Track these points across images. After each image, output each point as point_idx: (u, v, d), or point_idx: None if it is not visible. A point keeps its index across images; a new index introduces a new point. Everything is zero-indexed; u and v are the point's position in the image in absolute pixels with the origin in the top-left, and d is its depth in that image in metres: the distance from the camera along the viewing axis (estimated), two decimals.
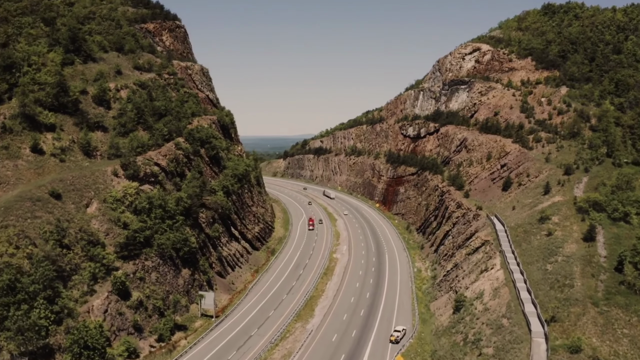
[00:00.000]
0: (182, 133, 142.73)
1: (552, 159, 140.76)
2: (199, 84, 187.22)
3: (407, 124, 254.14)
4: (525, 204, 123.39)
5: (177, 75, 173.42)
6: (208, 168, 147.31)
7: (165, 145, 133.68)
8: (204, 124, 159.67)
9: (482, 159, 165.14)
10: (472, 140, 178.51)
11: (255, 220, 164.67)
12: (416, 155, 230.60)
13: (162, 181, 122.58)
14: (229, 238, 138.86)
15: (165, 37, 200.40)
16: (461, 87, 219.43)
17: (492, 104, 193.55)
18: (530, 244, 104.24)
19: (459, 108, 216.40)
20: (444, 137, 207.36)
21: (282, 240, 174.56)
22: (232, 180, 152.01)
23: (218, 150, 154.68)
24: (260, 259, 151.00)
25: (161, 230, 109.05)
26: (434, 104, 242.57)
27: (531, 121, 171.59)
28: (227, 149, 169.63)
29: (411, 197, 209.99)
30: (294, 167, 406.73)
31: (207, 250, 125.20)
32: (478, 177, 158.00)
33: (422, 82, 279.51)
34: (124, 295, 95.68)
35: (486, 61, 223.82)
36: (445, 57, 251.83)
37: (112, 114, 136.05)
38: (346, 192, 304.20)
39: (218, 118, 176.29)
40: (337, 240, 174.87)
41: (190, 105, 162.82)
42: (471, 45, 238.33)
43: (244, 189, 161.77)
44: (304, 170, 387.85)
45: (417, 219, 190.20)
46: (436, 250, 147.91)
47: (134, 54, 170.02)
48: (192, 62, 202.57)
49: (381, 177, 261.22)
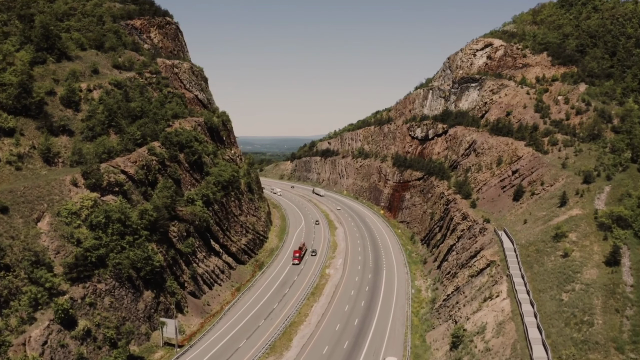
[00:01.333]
0: (159, 137, 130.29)
1: (569, 164, 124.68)
2: (187, 83, 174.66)
3: (415, 124, 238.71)
4: (538, 217, 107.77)
5: (160, 74, 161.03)
6: (187, 175, 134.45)
7: (137, 150, 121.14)
8: (187, 127, 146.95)
9: (491, 164, 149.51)
10: (481, 143, 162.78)
11: (242, 231, 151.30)
12: (423, 158, 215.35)
13: (129, 191, 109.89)
14: (207, 253, 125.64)
15: (154, 34, 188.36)
16: (471, 85, 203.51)
17: (504, 103, 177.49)
18: (543, 267, 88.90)
19: (469, 108, 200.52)
20: (452, 139, 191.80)
21: (274, 252, 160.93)
22: (215, 188, 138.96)
23: (200, 155, 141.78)
24: (245, 275, 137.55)
25: (119, 248, 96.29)
26: (443, 104, 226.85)
27: (546, 122, 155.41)
28: (213, 153, 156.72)
29: (417, 205, 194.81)
30: (301, 169, 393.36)
31: (178, 268, 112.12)
32: (487, 185, 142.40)
33: (433, 80, 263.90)
34: (68, 324, 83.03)
35: (498, 57, 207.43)
36: (456, 53, 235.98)
37: (82, 117, 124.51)
38: (352, 196, 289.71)
39: (205, 120, 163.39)
40: (333, 252, 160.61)
41: (173, 106, 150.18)
42: (483, 40, 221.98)
43: (229, 197, 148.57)
44: (311, 173, 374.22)
45: (422, 228, 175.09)
46: (439, 266, 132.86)
47: (115, 52, 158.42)
48: (182, 60, 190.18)
49: (387, 182, 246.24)
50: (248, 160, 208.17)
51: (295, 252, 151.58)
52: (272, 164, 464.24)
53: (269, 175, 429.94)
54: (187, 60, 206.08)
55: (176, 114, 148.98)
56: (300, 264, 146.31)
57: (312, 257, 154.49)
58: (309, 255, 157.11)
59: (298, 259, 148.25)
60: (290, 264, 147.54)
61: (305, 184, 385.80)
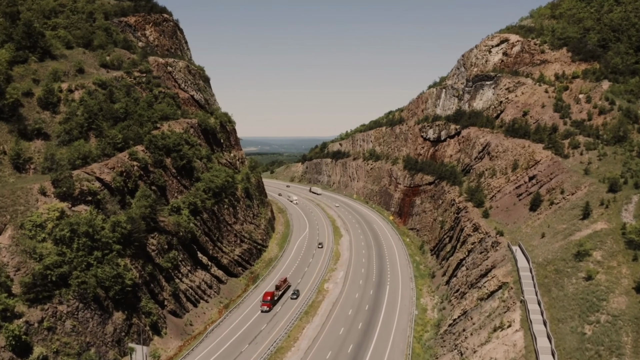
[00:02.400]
0: (143, 140, 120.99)
1: (592, 170, 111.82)
2: (181, 82, 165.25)
3: (427, 125, 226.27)
4: (557, 231, 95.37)
5: (151, 73, 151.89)
6: (174, 181, 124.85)
7: (117, 155, 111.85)
8: (177, 129, 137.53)
9: (506, 169, 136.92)
10: (496, 146, 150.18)
11: (236, 241, 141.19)
12: (435, 161, 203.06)
13: (103, 200, 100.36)
14: (192, 266, 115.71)
15: (149, 32, 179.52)
16: (486, 83, 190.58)
17: (521, 102, 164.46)
18: (562, 291, 76.87)
19: (484, 107, 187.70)
20: (465, 140, 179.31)
21: (272, 263, 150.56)
22: (205, 195, 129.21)
23: (190, 160, 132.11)
24: (236, 289, 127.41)
25: (84, 265, 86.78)
26: (456, 103, 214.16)
27: (567, 122, 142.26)
28: (207, 157, 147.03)
29: (427, 211, 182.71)
30: (311, 171, 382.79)
31: (157, 285, 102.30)
32: (501, 192, 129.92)
33: (446, 79, 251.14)
34: (22, 351, 73.85)
35: (515, 53, 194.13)
36: (471, 50, 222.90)
37: (60, 119, 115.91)
38: (362, 200, 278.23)
39: (200, 121, 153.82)
40: (335, 263, 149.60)
41: (162, 107, 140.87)
42: (498, 36, 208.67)
43: (222, 204, 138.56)
44: (322, 175, 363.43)
45: (432, 237, 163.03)
46: (448, 281, 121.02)
47: (104, 50, 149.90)
48: (179, 58, 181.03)
49: (398, 186, 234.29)
50: (250, 163, 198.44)
51: (265, 295, 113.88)
52: (283, 165, 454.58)
53: (279, 177, 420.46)
54: (185, 58, 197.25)
55: (166, 115, 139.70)
56: (298, 279, 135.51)
57: (311, 269, 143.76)
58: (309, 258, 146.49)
59: (268, 305, 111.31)
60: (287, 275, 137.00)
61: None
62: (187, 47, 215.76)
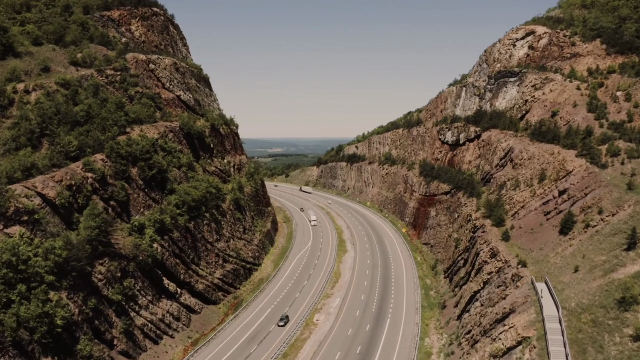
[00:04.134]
0: (104, 147, 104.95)
1: (637, 184, 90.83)
2: (166, 81, 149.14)
3: (446, 127, 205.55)
4: (595, 264, 75.15)
5: (128, 70, 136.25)
6: (141, 195, 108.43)
7: (69, 166, 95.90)
8: (151, 134, 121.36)
9: (532, 180, 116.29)
10: (520, 152, 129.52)
11: (218, 261, 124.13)
12: (453, 167, 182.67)
13: (43, 220, 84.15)
14: (154, 296, 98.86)
15: (135, 27, 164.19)
16: (510, 80, 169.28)
17: (549, 101, 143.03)
18: (602, 353, 57.18)
19: (507, 107, 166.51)
20: (485, 144, 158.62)
21: (261, 285, 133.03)
22: (177, 210, 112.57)
23: (162, 169, 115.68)
24: (211, 320, 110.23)
25: (3, 303, 70.76)
26: (477, 103, 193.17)
27: (603, 124, 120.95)
28: (188, 165, 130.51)
29: (442, 225, 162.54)
30: (326, 175, 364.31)
31: (105, 322, 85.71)
32: (525, 208, 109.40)
33: (468, 76, 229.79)
34: None
35: (542, 46, 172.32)
36: (494, 45, 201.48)
37: (9, 124, 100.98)
38: (376, 208, 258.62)
39: (182, 124, 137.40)
40: (332, 286, 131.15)
41: (136, 108, 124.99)
42: (524, 28, 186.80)
43: (201, 219, 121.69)
44: (336, 180, 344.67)
45: (446, 256, 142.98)
46: (460, 316, 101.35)
47: (76, 47, 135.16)
48: (169, 55, 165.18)
49: (413, 194, 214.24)
50: (249, 169, 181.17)
51: None
52: (299, 169, 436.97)
53: (294, 181, 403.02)
54: (178, 55, 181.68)
55: (139, 118, 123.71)
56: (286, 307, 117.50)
57: (303, 294, 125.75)
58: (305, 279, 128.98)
59: None
60: (275, 303, 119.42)
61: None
62: (184, 44, 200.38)
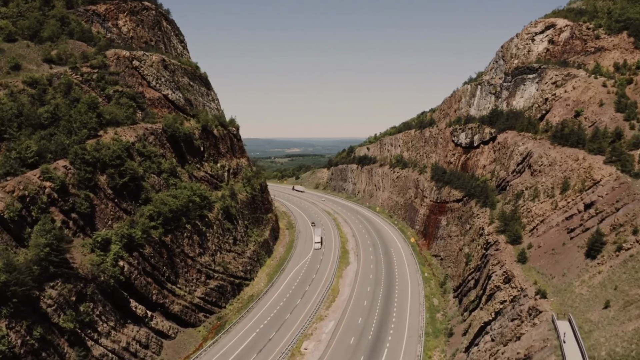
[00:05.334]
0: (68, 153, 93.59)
1: None
2: (152, 79, 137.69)
3: (459, 128, 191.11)
4: (630, 299, 61.03)
5: (107, 68, 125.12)
6: (110, 205, 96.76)
7: (25, 174, 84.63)
8: (127, 137, 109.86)
9: (553, 189, 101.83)
10: (539, 156, 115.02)
11: (200, 277, 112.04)
12: (466, 171, 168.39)
13: None
14: (118, 321, 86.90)
15: (123, 22, 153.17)
16: (528, 77, 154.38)
17: (572, 99, 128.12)
18: None
19: (525, 106, 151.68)
20: (501, 147, 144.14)
21: (250, 303, 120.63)
22: (152, 223, 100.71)
23: (138, 176, 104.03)
24: (188, 345, 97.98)
25: None
26: (493, 102, 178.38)
27: (634, 126, 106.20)
28: (170, 171, 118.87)
29: (452, 236, 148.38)
30: (336, 178, 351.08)
31: (54, 353, 73.84)
32: (546, 223, 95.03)
33: (484, 74, 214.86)
34: None
35: (563, 40, 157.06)
36: (511, 40, 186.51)
37: None
38: (386, 213, 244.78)
39: (166, 126, 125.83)
40: (328, 307, 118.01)
41: (112, 109, 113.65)
42: (543, 21, 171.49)
43: (180, 232, 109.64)
44: (347, 183, 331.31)
45: (457, 272, 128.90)
46: (468, 348, 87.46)
47: (53, 43, 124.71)
48: (158, 52, 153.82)
49: (424, 199, 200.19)
50: (246, 173, 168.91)
51: None
52: (309, 171, 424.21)
53: (304, 183, 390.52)
54: (171, 52, 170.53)
55: (116, 119, 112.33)
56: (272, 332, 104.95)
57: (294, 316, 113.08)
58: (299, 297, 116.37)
59: None
60: (261, 325, 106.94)
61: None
62: (180, 41, 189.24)
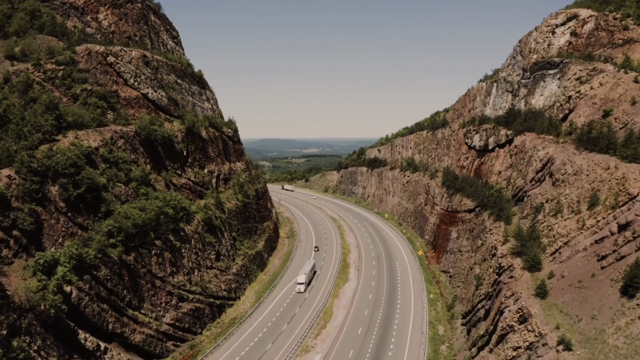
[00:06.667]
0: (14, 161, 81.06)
1: None
2: (129, 77, 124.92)
3: (473, 129, 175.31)
4: None
5: (76, 64, 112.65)
6: (62, 220, 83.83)
7: None
8: (90, 142, 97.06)
9: (579, 204, 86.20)
10: (562, 163, 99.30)
11: (171, 300, 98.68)
12: (480, 177, 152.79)
13: None
14: (61, 357, 73.64)
15: (104, 15, 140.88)
16: (549, 73, 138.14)
17: (599, 97, 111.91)
18: None
19: (545, 105, 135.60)
20: (519, 152, 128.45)
21: (230, 328, 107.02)
22: (112, 240, 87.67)
23: (98, 186, 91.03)
24: None
25: None
26: (510, 100, 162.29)
27: None
28: (142, 179, 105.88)
29: (463, 251, 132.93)
30: (346, 181, 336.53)
31: None
32: (570, 246, 79.50)
33: (500, 71, 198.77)
34: None
35: (587, 32, 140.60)
36: (529, 33, 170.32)
37: None
38: (395, 220, 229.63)
39: (139, 128, 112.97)
40: (316, 336, 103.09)
41: (75, 110, 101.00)
42: (564, 12, 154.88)
43: (147, 250, 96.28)
44: (356, 186, 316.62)
45: (466, 295, 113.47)
46: None
47: (19, 38, 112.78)
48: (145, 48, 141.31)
49: (435, 207, 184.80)
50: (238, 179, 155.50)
51: None
52: (319, 173, 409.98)
53: (314, 186, 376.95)
54: (159, 49, 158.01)
55: (81, 122, 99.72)
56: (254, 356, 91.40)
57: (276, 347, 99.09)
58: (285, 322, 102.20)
59: None
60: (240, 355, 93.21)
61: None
62: (173, 37, 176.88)
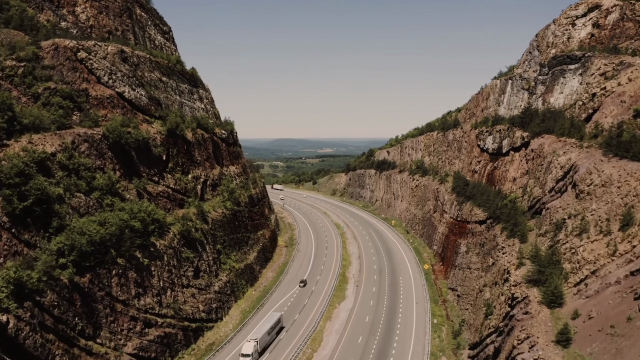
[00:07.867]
0: None
1: None
2: (103, 74, 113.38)
3: (486, 131, 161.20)
4: None
5: (40, 61, 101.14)
6: (6, 237, 71.91)
7: None
8: (47, 146, 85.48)
9: (609, 223, 72.23)
10: (588, 172, 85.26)
11: (134, 327, 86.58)
12: (492, 185, 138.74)
13: None
14: None
15: (81, 8, 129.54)
16: (569, 68, 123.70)
17: (628, 95, 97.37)
18: None
19: (566, 104, 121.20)
20: (536, 157, 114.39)
21: (205, 356, 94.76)
22: (62, 260, 75.75)
23: (46, 198, 79.24)
24: None
25: None
26: (526, 99, 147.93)
27: None
28: (108, 188, 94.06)
29: (472, 268, 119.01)
30: (354, 184, 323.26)
31: None
32: (599, 276, 65.55)
33: (516, 67, 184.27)
34: None
35: (611, 23, 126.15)
36: (547, 27, 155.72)
37: None
38: (403, 227, 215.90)
39: (108, 131, 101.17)
40: None
41: (33, 111, 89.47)
42: (585, 2, 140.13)
43: (107, 270, 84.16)
44: (364, 189, 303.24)
45: (474, 321, 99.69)
46: None
47: None
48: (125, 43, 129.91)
49: (444, 215, 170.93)
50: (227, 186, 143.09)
51: None
52: (327, 175, 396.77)
53: (321, 189, 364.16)
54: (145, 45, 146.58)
55: (40, 124, 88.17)
56: None
57: None
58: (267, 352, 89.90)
59: None
60: None
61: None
62: (163, 32, 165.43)
